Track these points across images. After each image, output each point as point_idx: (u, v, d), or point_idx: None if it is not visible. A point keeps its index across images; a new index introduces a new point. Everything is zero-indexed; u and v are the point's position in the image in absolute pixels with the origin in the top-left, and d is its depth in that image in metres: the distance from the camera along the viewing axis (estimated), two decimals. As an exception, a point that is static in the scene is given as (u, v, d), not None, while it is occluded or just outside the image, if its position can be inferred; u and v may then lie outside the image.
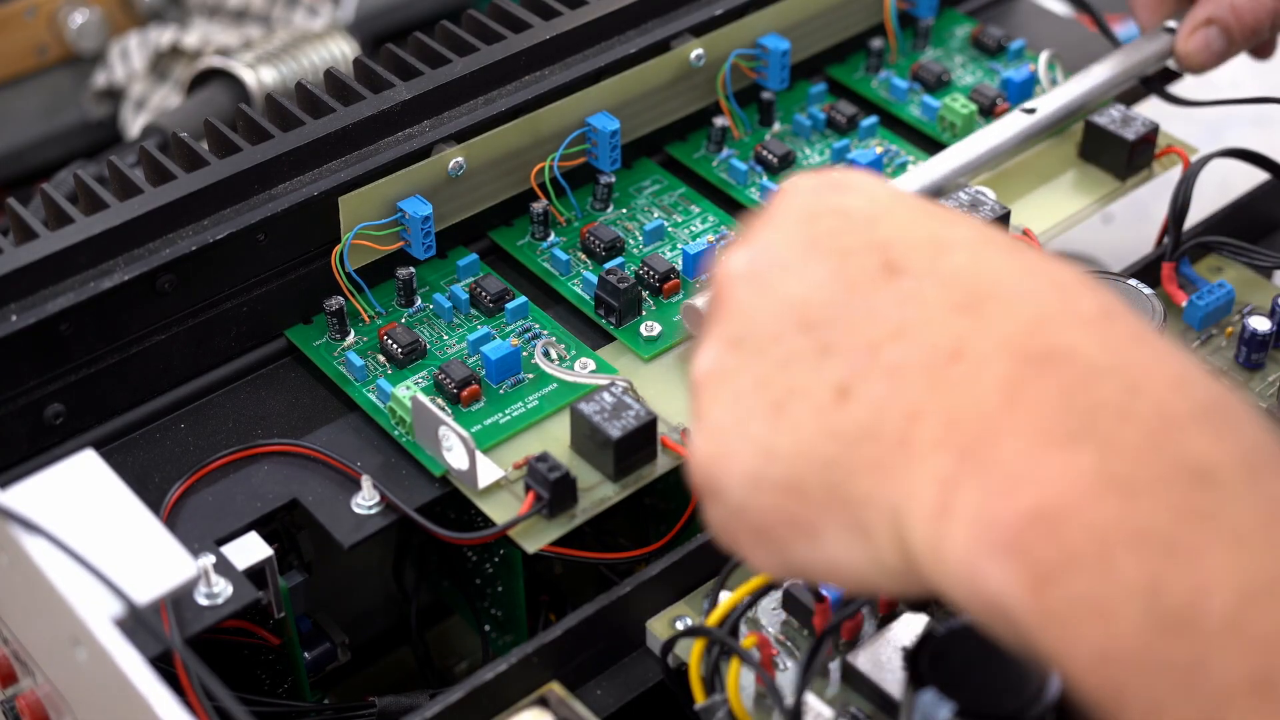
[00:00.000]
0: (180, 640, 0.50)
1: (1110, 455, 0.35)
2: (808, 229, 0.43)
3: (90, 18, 1.01)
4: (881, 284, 0.41)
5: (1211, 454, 0.35)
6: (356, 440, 0.61)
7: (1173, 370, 0.37)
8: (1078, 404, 0.36)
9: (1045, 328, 0.38)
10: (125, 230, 0.59)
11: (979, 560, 0.36)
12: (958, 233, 0.42)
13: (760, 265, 0.43)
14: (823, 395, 0.40)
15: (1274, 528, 0.34)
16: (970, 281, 0.40)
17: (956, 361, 0.38)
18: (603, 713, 0.55)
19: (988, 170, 0.71)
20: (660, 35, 0.71)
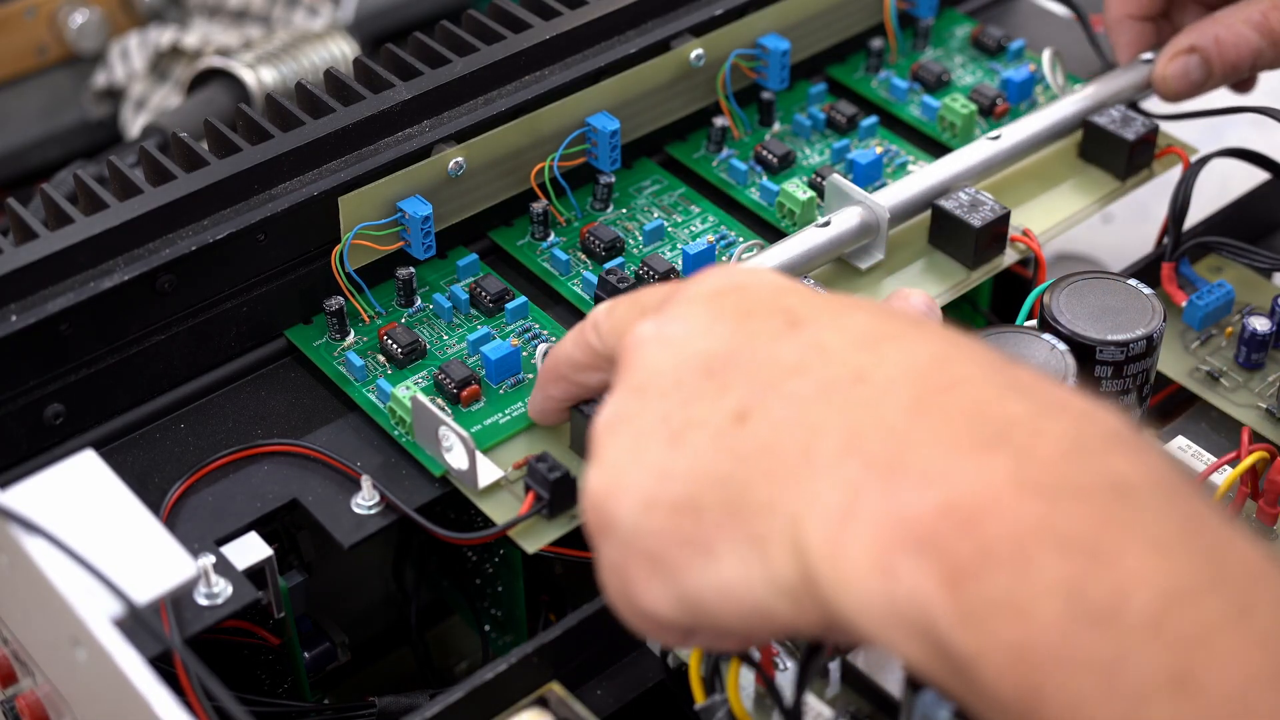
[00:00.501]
0: (180, 640, 0.50)
1: (1027, 464, 0.36)
2: (714, 303, 0.44)
3: (90, 18, 1.01)
4: (785, 336, 0.42)
5: (1128, 471, 0.36)
6: (356, 440, 0.61)
7: (1079, 404, 0.38)
8: (990, 416, 0.37)
9: (947, 363, 0.39)
10: (125, 230, 0.59)
11: (889, 558, 0.36)
12: (859, 302, 0.44)
13: (667, 330, 0.44)
14: (721, 422, 0.41)
15: (1193, 539, 0.35)
16: (870, 332, 0.41)
17: (859, 384, 0.39)
18: (603, 713, 0.55)
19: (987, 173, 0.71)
20: (660, 35, 0.71)
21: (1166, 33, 0.75)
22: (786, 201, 0.69)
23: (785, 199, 0.69)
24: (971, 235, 0.66)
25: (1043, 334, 0.58)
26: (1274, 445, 0.61)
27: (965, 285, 0.67)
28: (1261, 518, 0.60)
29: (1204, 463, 0.61)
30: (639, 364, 0.44)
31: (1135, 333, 0.58)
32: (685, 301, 0.45)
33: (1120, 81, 0.73)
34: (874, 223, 0.66)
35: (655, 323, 0.44)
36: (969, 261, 0.67)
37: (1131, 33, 0.74)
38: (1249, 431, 0.61)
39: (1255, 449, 0.60)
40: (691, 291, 0.45)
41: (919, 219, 0.68)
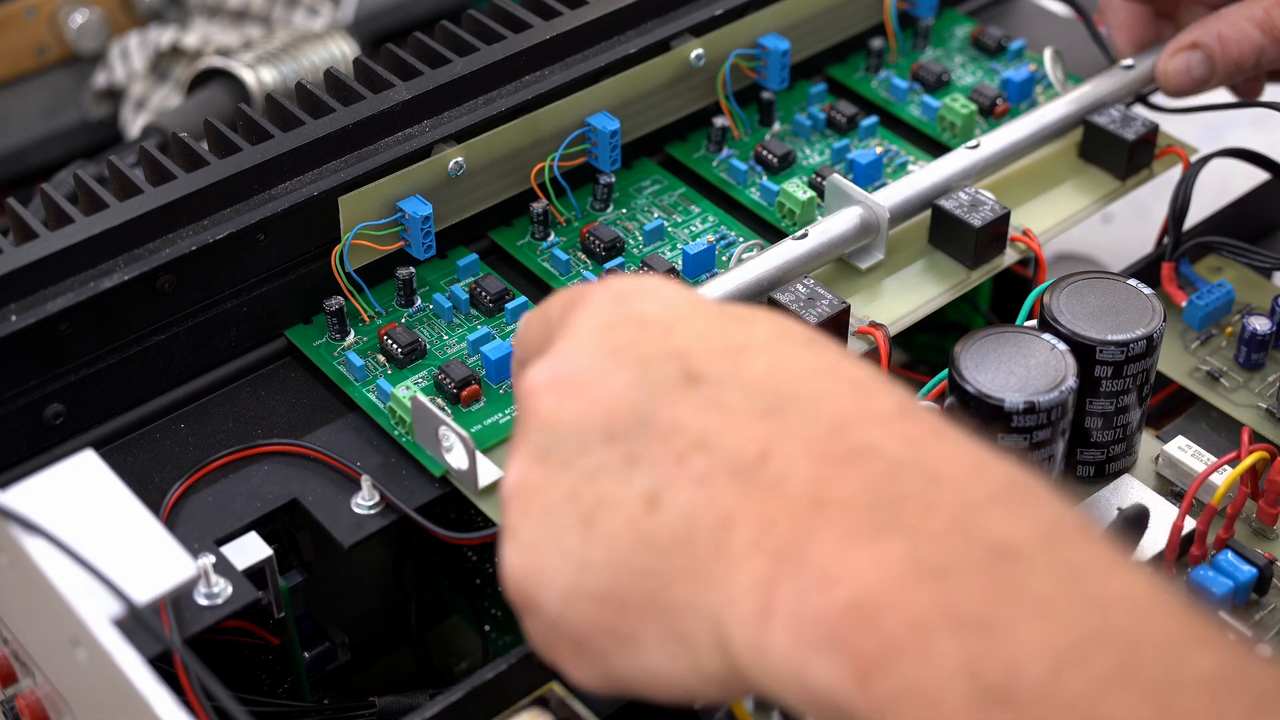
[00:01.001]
0: (180, 640, 0.50)
1: (918, 543, 0.37)
2: (607, 339, 0.43)
3: (90, 18, 1.01)
4: (683, 393, 0.41)
5: (1012, 532, 0.37)
6: (356, 440, 0.61)
7: (969, 459, 0.38)
8: (884, 497, 0.37)
9: (847, 428, 0.39)
10: (125, 230, 0.59)
11: (803, 657, 0.37)
12: (755, 335, 0.42)
13: (562, 376, 0.43)
14: (632, 505, 0.40)
15: (1073, 593, 0.36)
16: (769, 388, 0.41)
17: (763, 464, 0.39)
18: (603, 713, 0.55)
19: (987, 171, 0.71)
20: (660, 35, 0.71)
21: (1165, 28, 0.75)
22: (786, 201, 0.69)
23: (785, 199, 0.69)
24: (971, 235, 0.66)
25: (1043, 334, 0.58)
26: (1274, 445, 0.61)
27: (965, 285, 0.67)
28: (1261, 518, 0.60)
29: (1204, 463, 0.61)
30: (538, 422, 0.43)
31: (1135, 333, 0.58)
32: (575, 335, 0.44)
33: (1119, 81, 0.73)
34: (874, 223, 0.66)
35: (549, 367, 0.44)
36: (969, 261, 0.67)
37: (1125, 13, 0.74)
38: (1249, 431, 0.61)
39: (1255, 449, 0.60)
40: (584, 324, 0.44)
41: (919, 219, 0.68)
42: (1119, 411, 0.60)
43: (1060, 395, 0.55)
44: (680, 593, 0.40)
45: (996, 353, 0.57)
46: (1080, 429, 0.60)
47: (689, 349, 0.42)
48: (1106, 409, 0.59)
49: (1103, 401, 0.59)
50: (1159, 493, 0.61)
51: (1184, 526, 0.58)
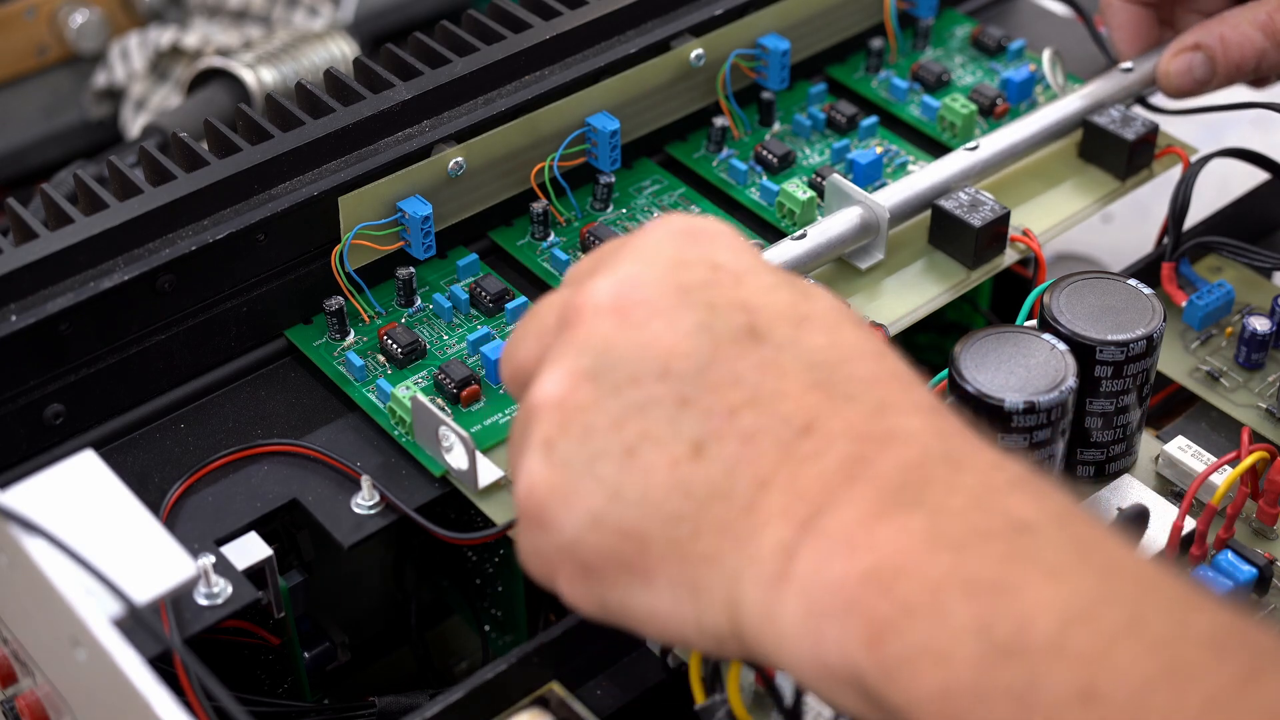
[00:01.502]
0: (179, 640, 0.50)
1: (939, 518, 0.38)
2: (678, 274, 0.43)
3: (90, 18, 1.01)
4: (745, 347, 0.42)
5: (1028, 510, 0.39)
6: (356, 440, 0.61)
7: (991, 454, 0.41)
8: (911, 479, 0.39)
9: (887, 412, 0.41)
10: (125, 230, 0.59)
11: (816, 623, 0.38)
12: (816, 307, 0.44)
13: (627, 300, 0.43)
14: (678, 448, 0.41)
15: (1085, 562, 0.38)
16: (825, 361, 0.42)
17: (807, 436, 0.40)
18: (603, 713, 0.55)
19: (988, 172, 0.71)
20: (660, 35, 0.71)
21: (1165, 33, 0.75)
22: (786, 201, 0.69)
23: (785, 199, 0.69)
24: (971, 235, 0.66)
25: (1043, 334, 0.58)
26: (1274, 445, 0.61)
27: (965, 285, 0.67)
28: (1261, 518, 0.60)
29: (1204, 463, 0.61)
30: (593, 339, 0.43)
31: (1135, 333, 0.58)
32: (645, 261, 0.44)
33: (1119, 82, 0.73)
34: (874, 223, 0.66)
35: (612, 285, 0.43)
36: (969, 261, 0.67)
37: (1126, 14, 0.74)
38: (1249, 431, 0.61)
39: (1255, 449, 0.60)
40: (655, 250, 0.44)
41: (919, 219, 0.68)
42: (1119, 411, 0.60)
43: (1060, 395, 0.55)
44: (706, 544, 0.40)
45: (996, 353, 0.57)
46: (1080, 429, 0.60)
47: (757, 305, 0.43)
48: (1106, 409, 0.59)
49: (1103, 401, 0.59)
50: (1159, 493, 0.61)
51: (1184, 526, 0.58)
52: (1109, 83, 0.73)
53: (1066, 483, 0.61)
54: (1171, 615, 0.37)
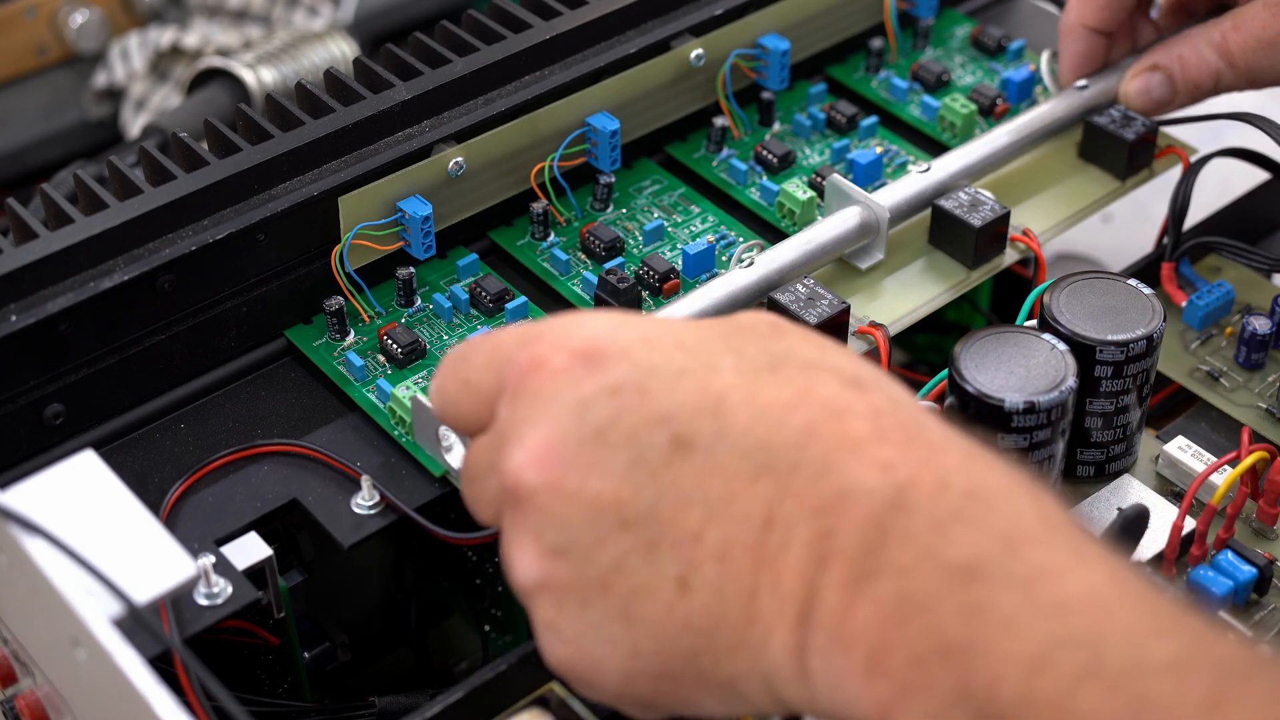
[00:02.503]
0: (179, 640, 0.50)
1: (900, 580, 0.39)
2: (587, 418, 0.43)
3: (90, 18, 1.01)
4: (679, 464, 0.42)
5: (973, 547, 0.39)
6: (356, 440, 0.60)
7: (935, 475, 0.40)
8: (871, 539, 0.40)
9: (830, 470, 0.41)
10: (125, 230, 0.59)
11: (843, 703, 0.40)
12: (724, 373, 0.43)
13: (554, 466, 0.43)
14: (666, 591, 0.42)
15: (1034, 602, 0.38)
16: (756, 441, 0.42)
17: (770, 529, 0.41)
18: (603, 713, 0.55)
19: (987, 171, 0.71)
20: (660, 35, 0.71)
21: (1118, 53, 0.74)
22: (786, 201, 0.69)
23: (785, 199, 0.69)
24: (971, 235, 0.66)
25: (1043, 334, 0.58)
26: (1274, 445, 0.61)
27: (965, 285, 0.67)
28: (1261, 518, 0.60)
29: (1204, 463, 0.61)
30: (541, 515, 0.43)
31: (1135, 333, 0.58)
32: (550, 417, 0.43)
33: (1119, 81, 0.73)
34: (874, 223, 0.66)
35: (532, 457, 0.43)
36: (969, 261, 0.67)
37: (1083, 43, 0.73)
38: (1249, 431, 0.61)
39: (1255, 449, 0.60)
40: (555, 404, 0.43)
41: (919, 219, 0.68)
42: (1119, 411, 0.60)
43: (1060, 395, 0.55)
44: (729, 668, 0.42)
45: (996, 353, 0.57)
46: (1080, 429, 0.60)
47: (670, 411, 0.42)
48: (1106, 409, 0.59)
49: (1103, 401, 0.59)
50: (1159, 493, 0.61)
51: (1184, 526, 0.58)
52: (1109, 80, 0.73)
53: (1066, 483, 0.61)
54: (1129, 645, 0.37)
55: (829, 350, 0.45)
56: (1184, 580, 0.58)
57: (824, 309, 0.62)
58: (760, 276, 0.63)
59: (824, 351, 0.45)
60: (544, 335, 0.45)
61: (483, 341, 0.47)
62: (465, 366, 0.47)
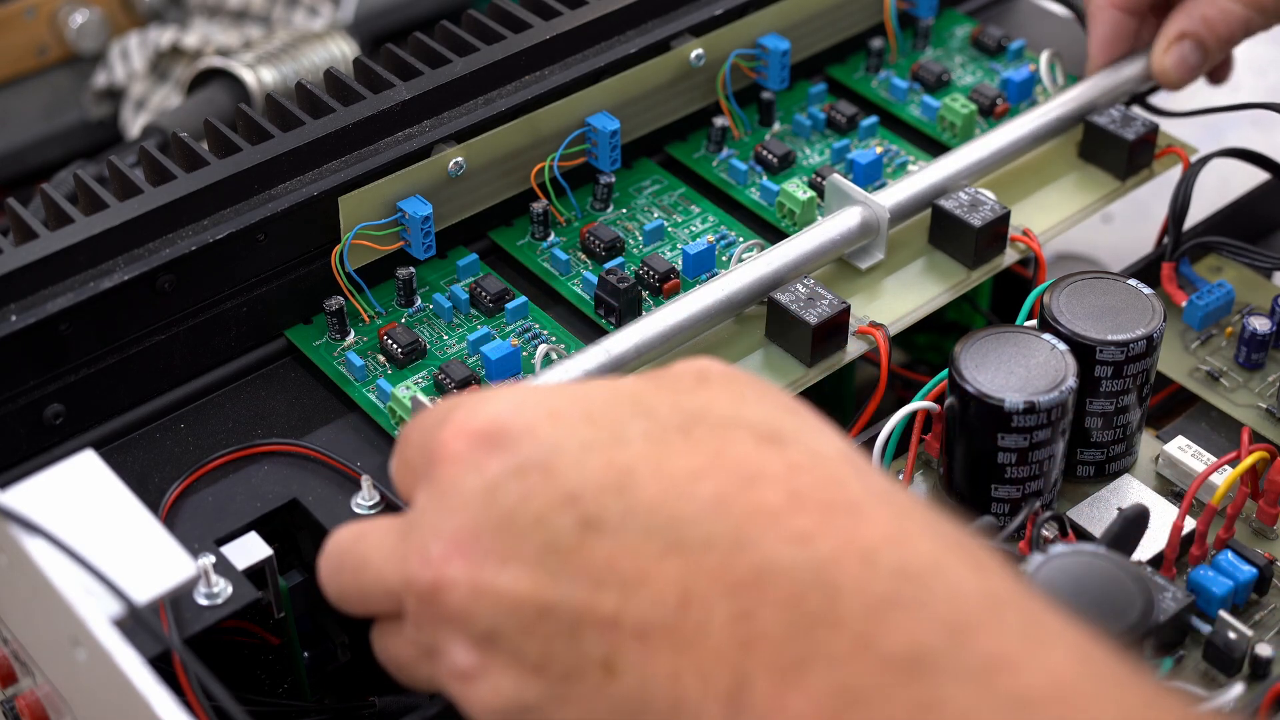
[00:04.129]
0: (179, 640, 0.50)
1: (834, 671, 0.37)
2: (491, 506, 0.42)
3: (90, 18, 1.01)
4: (589, 545, 0.40)
5: (915, 636, 0.36)
6: (356, 440, 0.61)
7: (859, 551, 0.38)
8: (797, 622, 0.37)
9: (744, 546, 0.39)
10: (125, 230, 0.59)
11: None
12: (629, 443, 0.41)
13: (470, 564, 0.42)
14: (595, 674, 0.40)
15: (990, 693, 0.35)
16: (665, 518, 0.40)
17: (686, 609, 0.39)
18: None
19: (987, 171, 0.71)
20: (660, 35, 0.71)
21: (1146, 36, 0.74)
22: (786, 201, 0.69)
23: (785, 199, 0.69)
24: (972, 235, 0.66)
25: (1043, 334, 0.58)
26: (1274, 445, 0.61)
27: (965, 285, 0.67)
28: (1261, 518, 0.60)
29: (1204, 463, 0.61)
30: (460, 612, 0.42)
31: (1135, 333, 0.58)
32: (462, 512, 0.42)
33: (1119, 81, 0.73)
34: (874, 223, 0.66)
35: (448, 552, 0.42)
36: (969, 261, 0.67)
37: (1112, 25, 0.73)
38: (1249, 431, 0.61)
39: (1255, 449, 0.59)
40: (460, 492, 0.42)
41: (919, 219, 0.68)
42: (1119, 411, 0.60)
43: (1060, 395, 0.55)
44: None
45: (996, 353, 0.57)
46: (1080, 429, 0.60)
47: (577, 490, 0.41)
48: (1106, 409, 0.59)
49: (1103, 401, 0.59)
50: (1159, 493, 0.61)
51: (1184, 526, 0.58)
52: (1110, 80, 0.73)
53: (1066, 483, 0.61)
54: None
55: (749, 400, 0.43)
56: (1184, 580, 0.58)
57: (824, 309, 0.62)
58: (760, 276, 0.63)
59: (742, 403, 0.43)
60: (447, 420, 0.44)
61: (401, 440, 0.46)
62: (404, 447, 0.46)
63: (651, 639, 0.39)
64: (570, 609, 0.41)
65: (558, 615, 0.41)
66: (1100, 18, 0.73)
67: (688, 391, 0.43)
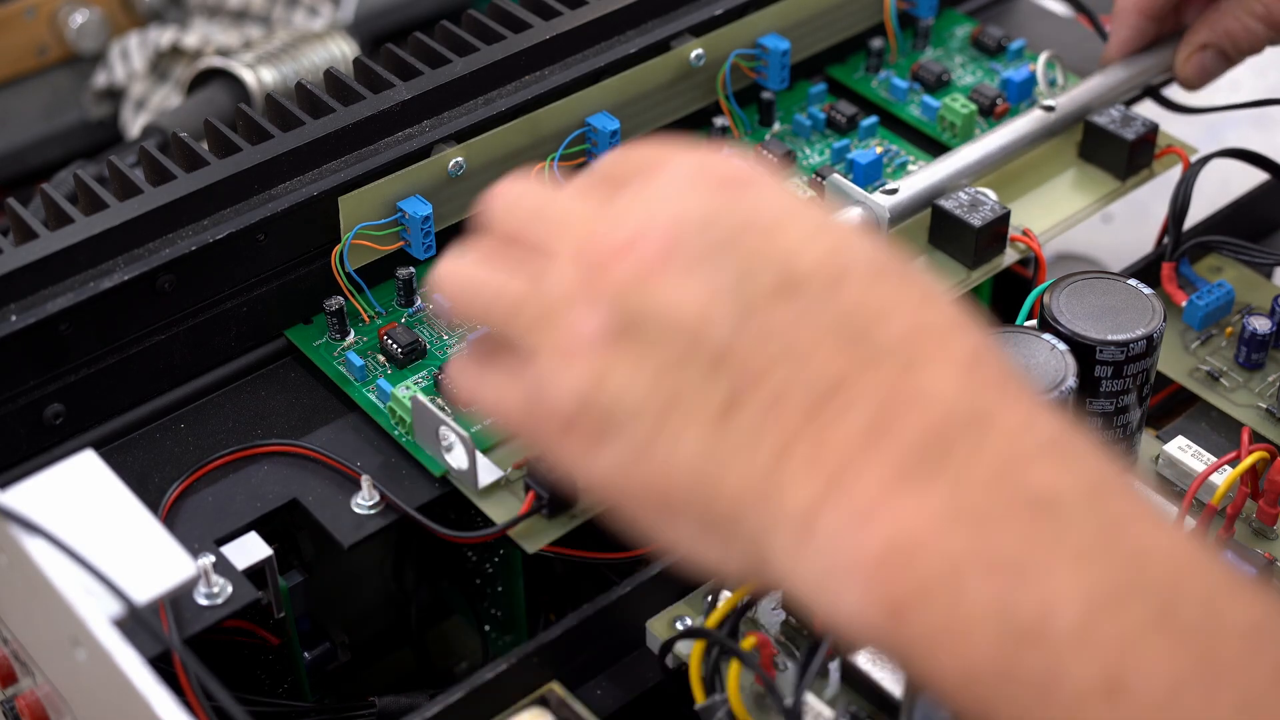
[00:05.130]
0: (179, 640, 0.50)
1: (960, 491, 0.38)
2: (707, 233, 0.42)
3: (90, 18, 1.01)
4: (777, 306, 0.41)
5: (1055, 484, 0.38)
6: (356, 440, 0.61)
7: (1023, 412, 0.39)
8: (934, 444, 0.38)
9: (915, 370, 0.40)
10: (125, 230, 0.59)
11: (836, 583, 0.38)
12: (854, 259, 0.42)
13: (658, 257, 0.42)
14: (706, 411, 0.41)
15: (1113, 545, 0.37)
16: (860, 319, 0.41)
17: (832, 397, 0.40)
18: (603, 713, 0.55)
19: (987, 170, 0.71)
20: (660, 35, 0.71)
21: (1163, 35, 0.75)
22: (786, 201, 0.69)
23: (785, 199, 0.69)
24: (972, 235, 0.66)
25: (1043, 334, 0.58)
26: (1274, 445, 0.61)
27: (965, 285, 0.67)
28: (1261, 518, 0.60)
29: (1204, 463, 0.61)
30: (626, 290, 0.42)
31: (1135, 333, 0.58)
32: (679, 223, 0.42)
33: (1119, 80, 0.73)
34: (874, 223, 0.66)
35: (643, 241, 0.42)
36: (969, 261, 0.67)
37: (1134, 28, 0.74)
38: (1249, 431, 0.61)
39: (1255, 449, 0.59)
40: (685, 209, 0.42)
41: (919, 218, 0.68)
42: (1119, 411, 0.60)
43: (1060, 395, 0.55)
44: (726, 505, 0.40)
45: (996, 353, 0.57)
46: (1080, 429, 0.60)
47: (790, 260, 0.41)
48: (1106, 409, 0.59)
49: (1103, 401, 0.59)
50: (1159, 493, 0.61)
51: (1184, 526, 0.58)
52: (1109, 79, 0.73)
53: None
54: (1205, 606, 0.36)
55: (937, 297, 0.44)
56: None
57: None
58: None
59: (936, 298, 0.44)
60: (691, 150, 0.44)
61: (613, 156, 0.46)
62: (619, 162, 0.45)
63: (785, 406, 0.40)
64: (721, 346, 0.41)
65: (706, 345, 0.41)
66: (1124, 20, 0.74)
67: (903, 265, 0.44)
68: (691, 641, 0.52)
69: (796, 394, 0.40)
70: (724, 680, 0.51)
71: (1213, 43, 0.72)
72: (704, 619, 0.53)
